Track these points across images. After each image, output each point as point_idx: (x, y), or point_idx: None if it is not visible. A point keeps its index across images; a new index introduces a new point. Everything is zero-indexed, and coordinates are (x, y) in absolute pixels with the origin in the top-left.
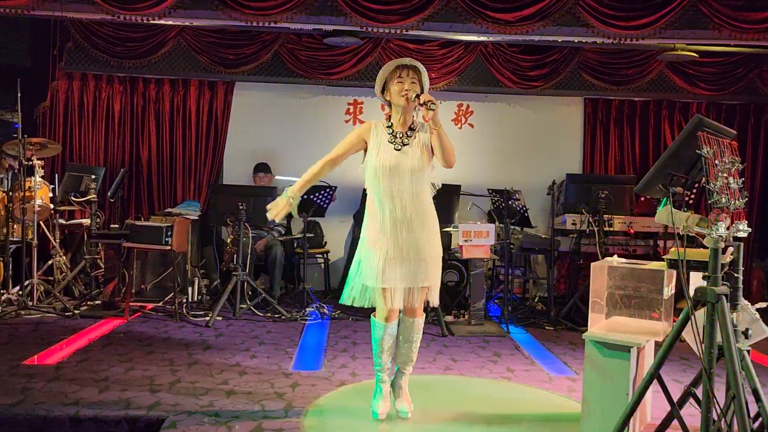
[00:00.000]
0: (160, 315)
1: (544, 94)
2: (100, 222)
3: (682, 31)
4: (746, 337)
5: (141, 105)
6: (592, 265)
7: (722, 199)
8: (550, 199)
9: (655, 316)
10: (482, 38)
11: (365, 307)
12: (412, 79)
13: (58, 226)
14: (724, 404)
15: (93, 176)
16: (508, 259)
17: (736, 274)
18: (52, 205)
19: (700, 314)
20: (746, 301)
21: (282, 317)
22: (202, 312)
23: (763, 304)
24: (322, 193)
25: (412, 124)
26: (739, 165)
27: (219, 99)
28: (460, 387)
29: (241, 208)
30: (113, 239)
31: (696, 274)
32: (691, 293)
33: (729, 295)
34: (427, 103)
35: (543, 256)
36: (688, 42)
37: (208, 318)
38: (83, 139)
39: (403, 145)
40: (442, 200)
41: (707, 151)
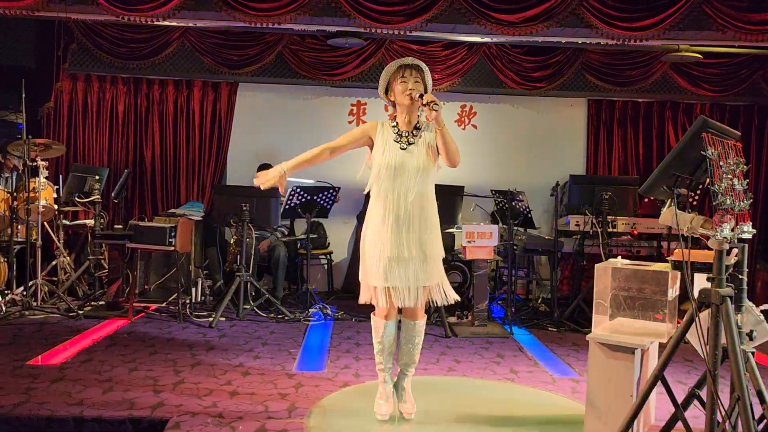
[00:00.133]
0: (164, 316)
1: (547, 96)
2: (104, 223)
3: (686, 32)
4: (751, 339)
5: (145, 106)
6: (596, 266)
7: (727, 201)
8: (553, 200)
9: (659, 317)
10: (485, 39)
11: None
12: (415, 79)
13: (62, 226)
14: (729, 406)
15: (97, 177)
16: (512, 260)
17: (740, 276)
18: (56, 206)
19: (705, 316)
20: (751, 303)
21: (285, 318)
22: (205, 313)
23: None
24: (326, 194)
25: (418, 123)
26: (744, 166)
27: (222, 100)
28: (464, 388)
29: (244, 208)
30: (117, 240)
31: (700, 276)
32: (696, 295)
33: (733, 297)
34: (430, 104)
35: (546, 258)
36: (692, 43)
37: (211, 319)
38: (87, 139)
39: (409, 144)
40: (446, 201)
41: (712, 153)
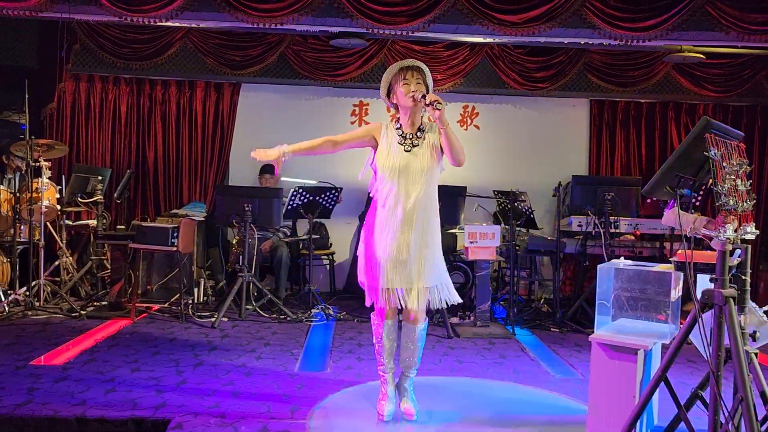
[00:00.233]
0: (166, 316)
1: (550, 96)
2: (107, 223)
3: (689, 33)
4: (754, 340)
5: (147, 106)
6: (599, 266)
7: (730, 202)
8: (555, 201)
9: (662, 318)
10: (488, 40)
11: (370, 308)
12: (417, 80)
13: (65, 227)
14: (732, 407)
15: (99, 177)
16: (514, 260)
17: (743, 277)
18: (59, 206)
19: (708, 317)
20: (754, 304)
21: (287, 318)
22: (207, 313)
23: None
24: (328, 194)
25: (421, 124)
26: (747, 167)
27: (225, 100)
28: (466, 389)
29: (246, 209)
30: (120, 240)
31: (703, 277)
32: (699, 296)
33: (737, 298)
34: (434, 103)
35: (549, 258)
36: (695, 43)
37: (213, 319)
38: (90, 140)
39: (413, 146)
40: (448, 202)
41: (715, 153)
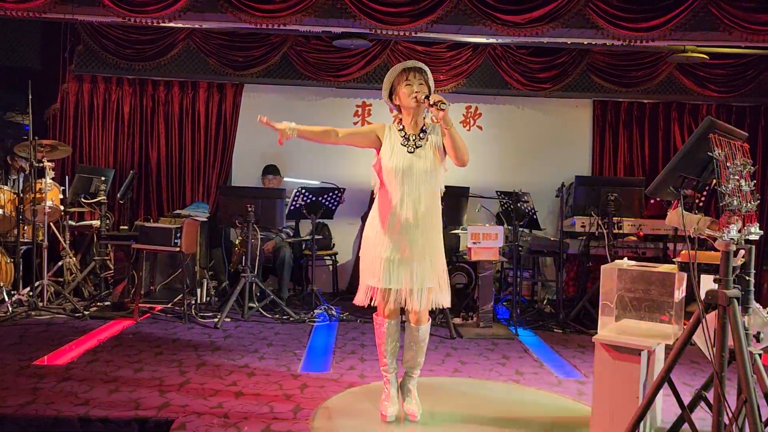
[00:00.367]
0: (169, 316)
1: (552, 96)
2: (110, 223)
3: (692, 33)
4: (758, 341)
5: (150, 107)
6: (602, 267)
7: (734, 202)
8: (558, 202)
9: (665, 319)
10: (491, 40)
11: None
12: (419, 81)
13: (68, 227)
14: (736, 408)
15: (103, 178)
16: (517, 261)
17: (747, 277)
18: (62, 207)
19: (711, 318)
20: (758, 305)
21: (290, 319)
22: (210, 313)
23: None
24: (331, 195)
25: (424, 125)
26: (751, 167)
27: (228, 101)
28: (469, 390)
29: (249, 209)
30: (123, 241)
31: (707, 277)
32: (702, 296)
33: (740, 298)
34: (437, 103)
35: (552, 259)
36: (698, 44)
37: (216, 319)
38: (93, 141)
39: (416, 147)
40: (451, 202)
41: (719, 154)
